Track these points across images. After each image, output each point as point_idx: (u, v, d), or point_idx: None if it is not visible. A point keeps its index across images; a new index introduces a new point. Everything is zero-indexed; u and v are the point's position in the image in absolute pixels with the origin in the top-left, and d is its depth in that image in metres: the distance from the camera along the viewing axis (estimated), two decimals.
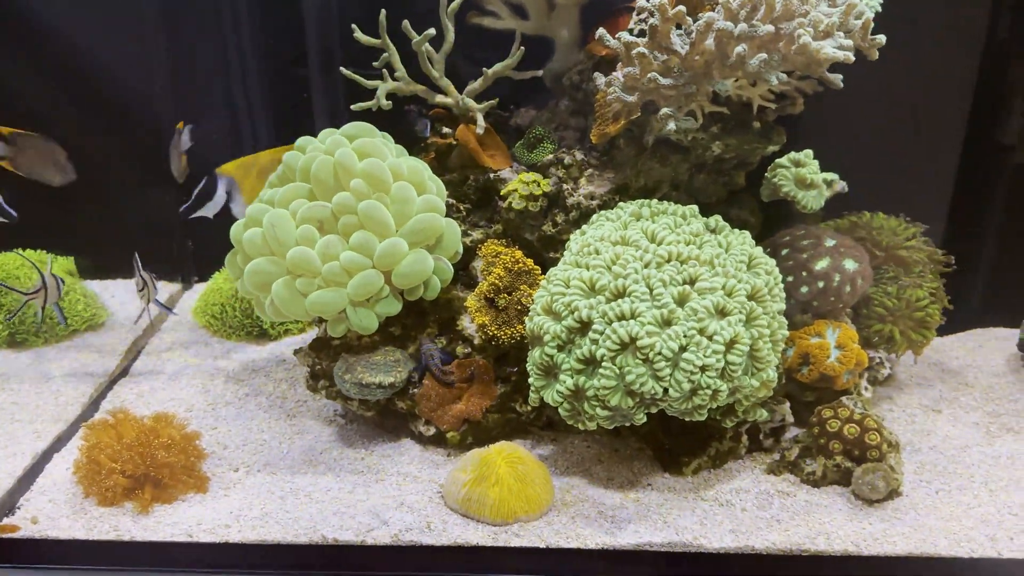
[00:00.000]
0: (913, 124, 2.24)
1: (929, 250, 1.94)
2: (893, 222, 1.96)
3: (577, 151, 1.79)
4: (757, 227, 1.87)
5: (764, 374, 1.54)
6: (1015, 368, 2.10)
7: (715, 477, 1.69)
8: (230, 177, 1.89)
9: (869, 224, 1.94)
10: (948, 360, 2.16)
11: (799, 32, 1.40)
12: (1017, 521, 1.54)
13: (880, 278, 1.90)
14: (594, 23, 1.73)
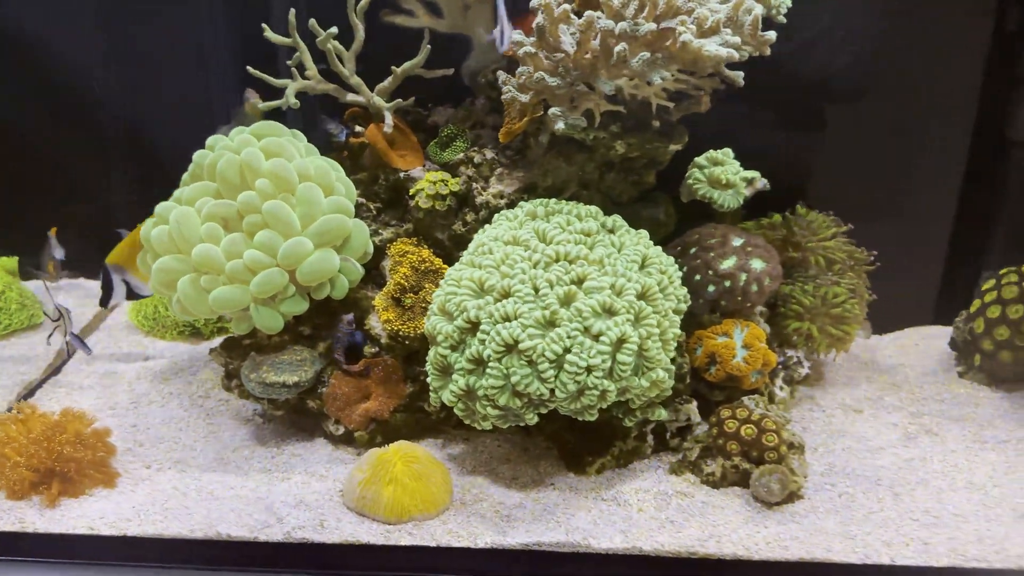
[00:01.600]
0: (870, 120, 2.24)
1: (849, 248, 1.91)
2: (818, 219, 1.94)
3: (489, 150, 1.79)
4: (671, 226, 1.86)
5: (654, 374, 1.53)
6: (947, 368, 2.06)
7: (619, 477, 1.69)
8: (116, 264, 1.94)
9: (792, 222, 1.92)
10: (881, 359, 2.13)
11: (680, 30, 1.39)
12: (917, 527, 1.52)
13: (799, 276, 1.89)
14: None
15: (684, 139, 1.69)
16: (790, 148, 2.23)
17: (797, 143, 2.22)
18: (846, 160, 2.24)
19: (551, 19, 1.45)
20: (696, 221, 1.91)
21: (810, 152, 2.23)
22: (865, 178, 2.26)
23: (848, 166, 2.26)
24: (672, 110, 1.68)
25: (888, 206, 2.30)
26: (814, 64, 2.17)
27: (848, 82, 2.18)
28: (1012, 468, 1.68)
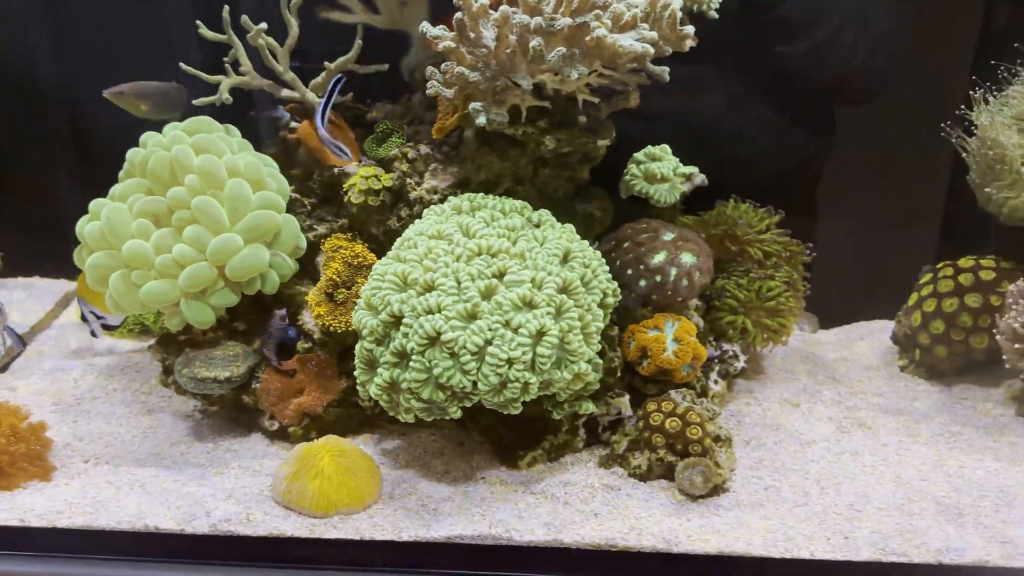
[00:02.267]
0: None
1: (784, 240, 1.92)
2: (752, 213, 1.95)
3: (424, 145, 1.79)
4: (606, 221, 1.86)
5: (576, 367, 1.54)
6: (888, 361, 2.07)
7: (549, 470, 1.69)
8: (81, 297, 2.04)
9: (730, 216, 1.93)
10: (824, 353, 2.14)
11: (594, 25, 1.40)
12: (840, 521, 1.52)
13: (734, 270, 1.89)
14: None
15: (611, 135, 1.70)
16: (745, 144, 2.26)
17: (753, 139, 2.24)
18: (797, 156, 2.25)
19: (470, 14, 1.46)
20: (636, 216, 1.92)
21: (761, 147, 2.25)
22: (815, 173, 2.27)
23: (799, 161, 2.27)
24: (601, 106, 1.69)
25: (839, 201, 2.31)
26: (761, 59, 2.19)
27: (797, 76, 2.19)
28: (941, 462, 1.68)
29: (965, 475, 1.64)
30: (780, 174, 2.26)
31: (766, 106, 2.23)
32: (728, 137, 2.24)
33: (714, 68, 2.19)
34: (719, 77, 2.19)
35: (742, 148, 2.23)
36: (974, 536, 1.47)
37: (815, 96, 2.22)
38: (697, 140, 2.24)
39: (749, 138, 2.23)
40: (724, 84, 2.22)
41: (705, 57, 2.13)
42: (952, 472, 1.65)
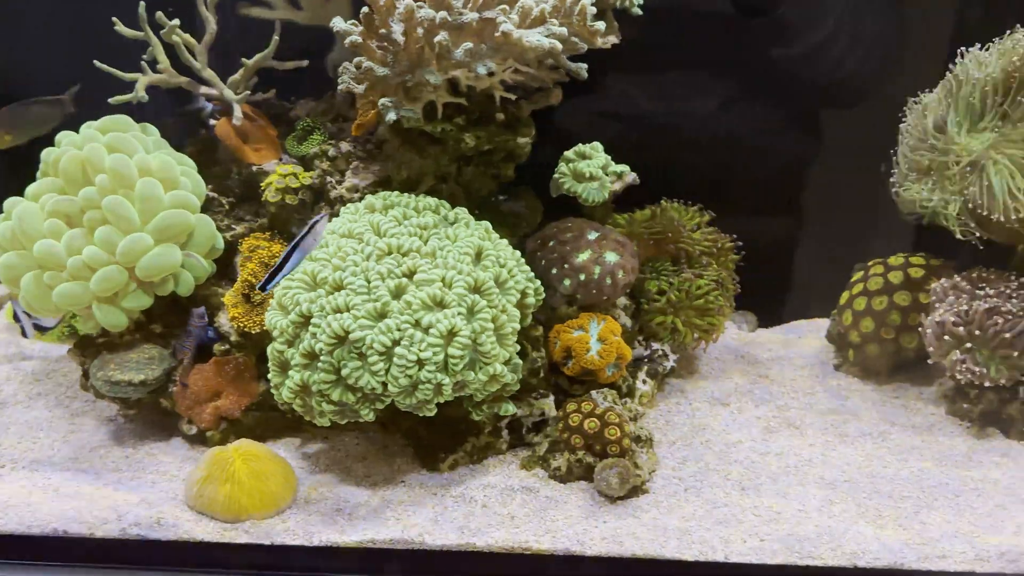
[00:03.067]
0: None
1: (712, 239, 1.90)
2: (683, 213, 1.93)
3: (346, 143, 1.77)
4: (535, 220, 1.84)
5: (491, 368, 1.51)
6: (824, 360, 2.05)
7: (471, 473, 1.67)
8: (13, 299, 1.92)
9: (660, 215, 1.91)
10: (761, 352, 2.12)
11: (500, 20, 1.37)
12: (758, 523, 1.50)
13: (663, 269, 1.87)
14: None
15: (531, 132, 1.67)
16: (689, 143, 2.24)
17: (696, 138, 2.23)
18: (736, 153, 2.24)
19: (378, 8, 1.43)
20: (568, 215, 1.90)
21: (705, 146, 2.23)
22: (755, 172, 2.25)
23: (739, 159, 2.25)
24: (522, 103, 1.66)
25: (778, 200, 2.29)
26: (702, 57, 2.18)
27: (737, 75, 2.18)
28: (866, 463, 1.66)
29: (889, 475, 1.62)
30: (725, 173, 2.25)
31: (709, 105, 2.22)
32: (672, 136, 2.23)
33: (654, 66, 2.18)
34: (660, 75, 2.18)
35: (686, 147, 2.22)
36: (892, 538, 1.45)
37: (760, 95, 2.21)
38: (639, 138, 2.25)
39: (693, 137, 2.22)
40: (668, 82, 2.21)
41: (644, 54, 2.17)
42: (876, 472, 1.63)
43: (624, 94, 2.21)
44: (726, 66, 2.18)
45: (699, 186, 2.23)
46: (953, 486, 1.58)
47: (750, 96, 2.22)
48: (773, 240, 2.32)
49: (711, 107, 2.21)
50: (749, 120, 2.22)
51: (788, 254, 2.32)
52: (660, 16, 2.14)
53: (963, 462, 1.65)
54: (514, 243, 1.81)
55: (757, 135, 2.22)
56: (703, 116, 2.21)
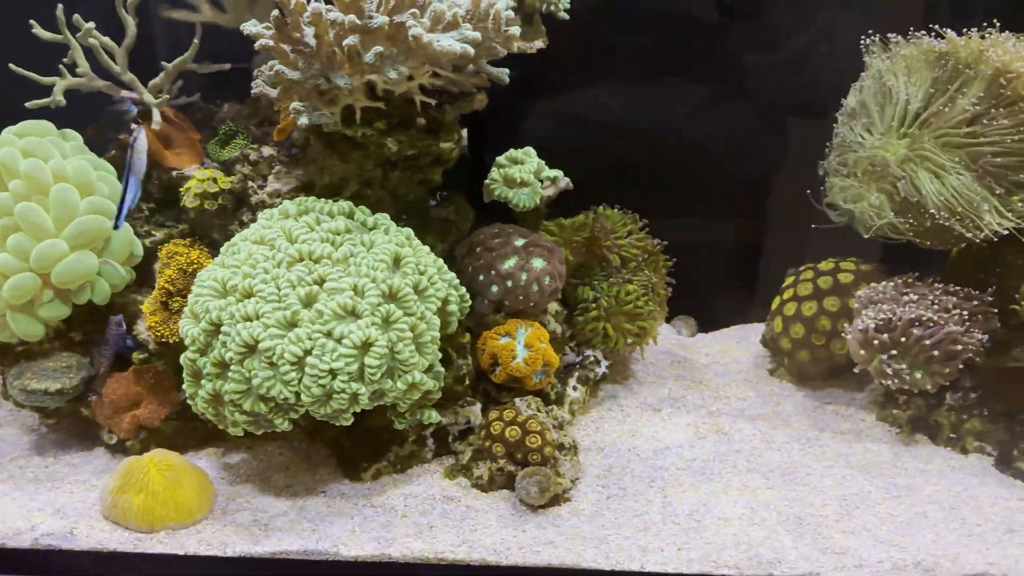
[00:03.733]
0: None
1: (642, 245, 1.89)
2: (616, 218, 1.92)
3: (268, 147, 1.74)
4: (465, 226, 1.82)
5: (410, 376, 1.49)
6: (759, 365, 2.05)
7: (394, 483, 1.64)
8: None
9: (591, 221, 1.90)
10: (698, 357, 2.11)
11: (410, 24, 1.35)
12: (677, 531, 1.49)
13: (595, 275, 1.86)
14: None
15: (455, 137, 1.65)
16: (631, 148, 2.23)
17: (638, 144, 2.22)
18: (682, 159, 2.23)
19: (289, 11, 1.41)
20: (503, 220, 1.89)
21: (647, 152, 2.22)
22: (698, 177, 2.25)
23: (685, 165, 2.24)
24: (446, 108, 1.64)
25: (721, 204, 2.29)
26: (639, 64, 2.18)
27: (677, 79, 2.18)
28: (791, 469, 1.65)
29: (812, 483, 1.61)
30: (671, 178, 2.24)
31: (655, 110, 2.22)
32: (614, 141, 2.23)
33: (596, 70, 2.17)
34: (602, 80, 2.17)
35: (638, 152, 2.21)
36: (810, 547, 1.44)
37: (702, 100, 2.21)
38: (584, 142, 2.24)
39: (635, 143, 2.22)
40: (610, 87, 2.20)
41: (586, 59, 2.16)
42: (800, 480, 1.62)
43: (567, 99, 2.21)
44: (667, 71, 2.18)
45: (643, 191, 2.24)
46: (876, 494, 1.57)
47: (693, 101, 2.22)
48: (715, 244, 2.32)
49: (657, 113, 2.21)
50: (694, 125, 2.22)
51: (730, 259, 2.32)
52: (606, 19, 2.15)
53: (888, 469, 1.65)
54: (444, 249, 1.80)
55: (701, 140, 2.21)
56: (649, 121, 2.20)
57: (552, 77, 2.16)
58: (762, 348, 2.07)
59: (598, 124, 2.22)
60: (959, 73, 1.58)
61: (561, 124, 2.23)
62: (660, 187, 2.25)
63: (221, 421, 1.52)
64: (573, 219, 1.94)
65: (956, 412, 1.66)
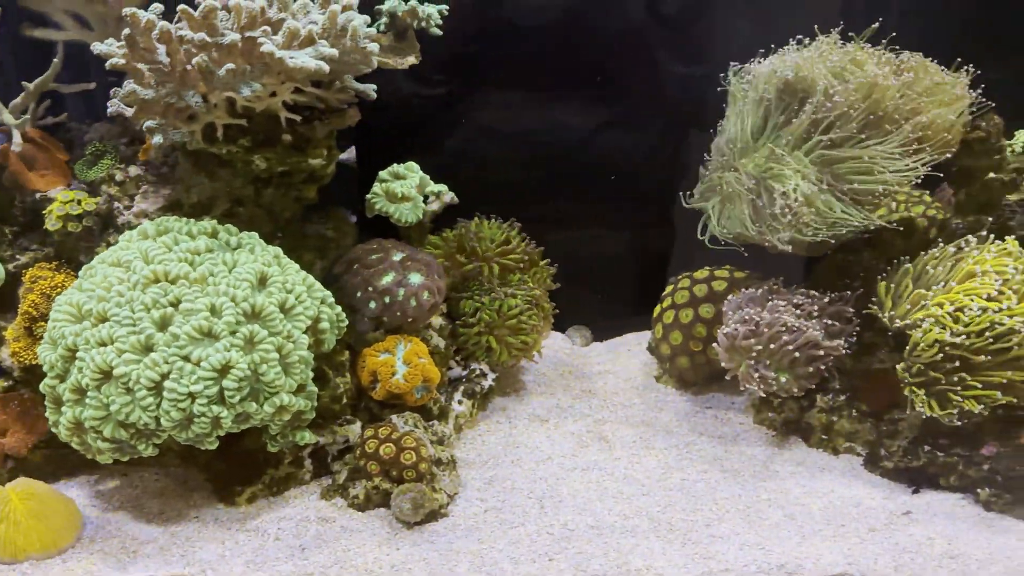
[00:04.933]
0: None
1: (518, 256, 1.90)
2: (495, 230, 1.93)
3: (136, 167, 1.71)
4: (344, 242, 1.81)
5: (277, 399, 1.47)
6: (646, 372, 2.07)
7: (269, 505, 1.62)
8: None
9: (474, 232, 1.90)
10: (589, 366, 2.13)
11: (261, 40, 1.34)
12: (550, 541, 1.49)
13: (476, 288, 1.86)
14: None
15: (324, 153, 1.64)
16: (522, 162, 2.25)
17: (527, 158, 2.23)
18: (569, 171, 2.25)
19: (138, 29, 1.38)
20: (388, 236, 1.88)
21: (551, 163, 2.24)
22: (594, 188, 2.27)
23: (571, 177, 2.27)
24: (316, 124, 1.63)
25: (616, 214, 2.31)
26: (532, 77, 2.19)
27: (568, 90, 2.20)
28: (667, 475, 1.68)
29: (686, 488, 1.64)
30: (562, 190, 2.26)
31: (550, 122, 2.23)
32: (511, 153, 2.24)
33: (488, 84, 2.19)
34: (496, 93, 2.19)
35: (525, 164, 2.23)
36: (679, 552, 1.46)
37: (598, 113, 2.23)
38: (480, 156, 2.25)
39: (532, 155, 2.23)
40: (504, 100, 2.22)
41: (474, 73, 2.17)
42: (674, 485, 1.65)
43: (459, 112, 2.21)
44: (560, 84, 2.19)
45: (539, 203, 2.25)
46: (747, 497, 1.60)
47: (597, 116, 2.24)
48: (609, 254, 2.34)
49: (554, 125, 2.23)
50: (595, 139, 2.25)
51: (624, 268, 2.35)
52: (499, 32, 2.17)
53: (760, 472, 1.68)
54: (324, 267, 1.79)
55: (599, 152, 2.24)
56: (546, 134, 2.22)
57: (442, 91, 2.17)
58: (650, 355, 2.10)
59: (494, 136, 2.23)
60: (796, 93, 1.64)
61: (455, 137, 2.23)
62: (555, 198, 2.27)
63: (86, 449, 1.48)
64: (448, 232, 1.94)
65: (827, 414, 1.71)
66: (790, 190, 1.55)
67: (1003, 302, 1.49)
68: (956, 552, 1.44)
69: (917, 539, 1.47)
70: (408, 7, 1.71)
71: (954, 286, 1.54)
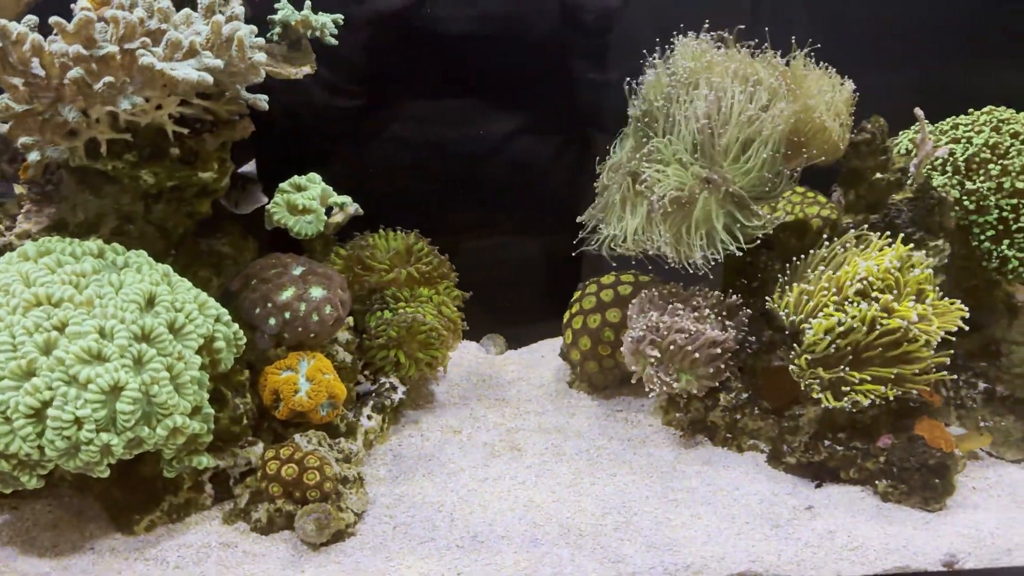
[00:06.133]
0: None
1: (426, 268, 1.89)
2: (400, 241, 1.91)
3: (19, 185, 1.63)
4: (241, 258, 1.76)
5: (171, 421, 1.42)
6: (559, 378, 2.08)
7: (169, 533, 1.56)
8: None
9: (369, 244, 1.88)
10: (503, 374, 2.12)
11: (140, 53, 1.30)
12: (460, 554, 1.47)
13: (385, 302, 1.84)
14: None
15: (215, 166, 1.60)
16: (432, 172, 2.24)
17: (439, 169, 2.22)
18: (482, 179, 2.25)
19: (9, 41, 1.32)
20: (290, 250, 1.84)
21: (444, 176, 2.23)
22: (497, 197, 2.27)
23: (484, 186, 2.26)
24: (206, 137, 1.59)
25: (530, 222, 2.32)
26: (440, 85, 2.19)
27: None
28: (577, 480, 1.68)
29: (596, 492, 1.64)
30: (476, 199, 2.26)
31: (464, 132, 2.23)
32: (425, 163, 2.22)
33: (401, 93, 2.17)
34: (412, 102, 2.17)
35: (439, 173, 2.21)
36: (588, 558, 1.46)
37: (516, 123, 2.23)
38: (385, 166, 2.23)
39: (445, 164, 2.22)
40: (419, 109, 2.20)
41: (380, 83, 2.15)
42: (584, 490, 1.65)
43: (365, 122, 2.19)
44: (467, 91, 2.19)
45: (452, 211, 2.24)
46: (654, 499, 1.62)
47: (499, 123, 2.24)
48: (524, 261, 2.34)
49: (463, 133, 2.22)
50: (509, 146, 2.24)
51: (539, 274, 2.35)
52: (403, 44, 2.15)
53: (668, 472, 1.70)
54: (221, 283, 1.74)
55: (511, 161, 2.24)
56: (461, 144, 2.21)
57: (350, 101, 2.14)
58: (564, 361, 2.10)
59: (406, 145, 2.21)
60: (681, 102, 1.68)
61: (365, 147, 2.20)
62: (469, 207, 2.27)
63: None
64: (351, 244, 1.91)
65: (730, 412, 1.74)
66: (666, 188, 1.57)
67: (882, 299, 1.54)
68: (855, 544, 1.48)
69: (819, 533, 1.51)
70: (301, 17, 1.68)
71: (841, 283, 1.59)
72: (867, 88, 1.80)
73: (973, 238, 1.69)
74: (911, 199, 1.64)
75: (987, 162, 1.67)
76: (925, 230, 1.63)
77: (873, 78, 1.81)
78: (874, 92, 1.81)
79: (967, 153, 1.70)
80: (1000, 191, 1.67)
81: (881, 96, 1.81)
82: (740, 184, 1.58)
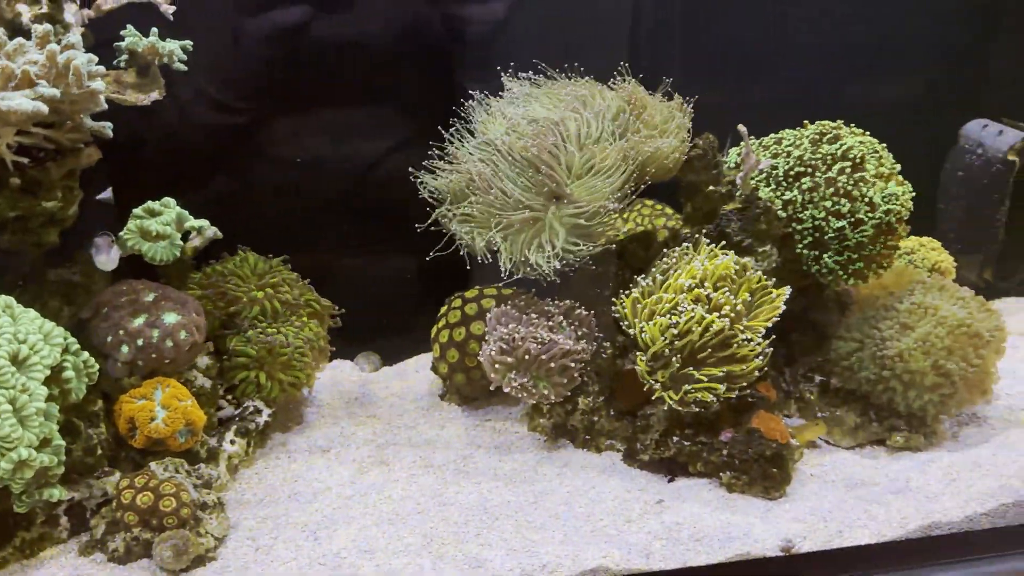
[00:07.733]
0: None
1: (285, 288, 1.90)
2: (259, 263, 1.92)
3: None
4: (93, 287, 1.73)
5: (15, 454, 1.39)
6: (432, 392, 2.13)
7: (23, 569, 1.52)
8: None
9: (231, 271, 1.89)
10: (377, 391, 2.15)
11: None
12: (324, 571, 1.49)
13: (241, 324, 1.85)
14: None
15: (59, 195, 1.58)
16: None
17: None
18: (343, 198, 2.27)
19: None
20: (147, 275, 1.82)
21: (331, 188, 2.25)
22: (362, 213, 2.30)
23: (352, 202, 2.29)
24: (50, 166, 1.57)
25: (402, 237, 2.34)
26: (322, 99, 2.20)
27: None
28: (441, 491, 1.72)
29: (460, 501, 1.68)
30: (342, 216, 2.28)
31: (332, 148, 2.25)
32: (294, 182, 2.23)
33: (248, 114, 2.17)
34: (257, 122, 2.18)
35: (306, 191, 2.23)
36: (448, 566, 1.50)
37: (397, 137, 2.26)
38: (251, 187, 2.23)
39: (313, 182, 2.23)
40: (295, 127, 2.21)
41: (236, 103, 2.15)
42: (449, 500, 1.69)
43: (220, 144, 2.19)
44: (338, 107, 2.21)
45: (319, 229, 2.26)
46: (516, 503, 1.67)
47: (370, 139, 2.27)
48: (398, 278, 2.38)
49: (335, 151, 2.24)
50: (373, 162, 2.27)
51: (412, 290, 2.38)
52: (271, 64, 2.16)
53: (530, 476, 1.76)
54: (72, 313, 1.71)
55: (382, 177, 2.27)
56: (334, 160, 2.23)
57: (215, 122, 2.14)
58: (435, 375, 2.15)
59: (275, 164, 2.21)
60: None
61: (230, 169, 2.20)
62: (340, 225, 2.29)
63: None
64: (209, 269, 1.92)
65: (588, 415, 1.82)
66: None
67: (712, 299, 1.64)
68: (701, 535, 1.57)
69: (667, 525, 1.59)
70: (148, 44, 1.68)
71: (673, 288, 1.69)
72: (715, 105, 1.93)
73: (794, 244, 1.82)
74: (740, 209, 1.77)
75: (801, 175, 1.81)
76: (754, 237, 1.75)
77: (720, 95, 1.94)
78: (722, 108, 1.94)
79: (785, 167, 1.84)
80: (812, 203, 1.80)
81: (735, 111, 1.93)
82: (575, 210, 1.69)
